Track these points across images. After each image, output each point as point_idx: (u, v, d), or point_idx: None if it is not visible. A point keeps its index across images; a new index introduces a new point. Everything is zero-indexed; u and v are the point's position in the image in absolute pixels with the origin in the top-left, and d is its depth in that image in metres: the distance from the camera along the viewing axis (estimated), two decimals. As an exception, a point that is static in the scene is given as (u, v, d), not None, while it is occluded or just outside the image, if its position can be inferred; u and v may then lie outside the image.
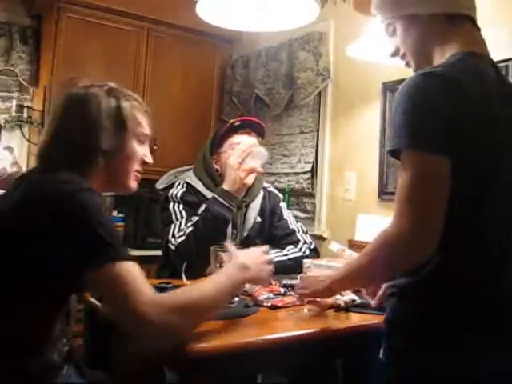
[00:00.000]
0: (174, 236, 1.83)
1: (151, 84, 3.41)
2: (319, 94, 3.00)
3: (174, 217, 1.88)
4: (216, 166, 2.01)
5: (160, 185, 2.05)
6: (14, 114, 3.34)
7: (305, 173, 3.06)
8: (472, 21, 1.13)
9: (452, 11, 1.11)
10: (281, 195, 2.20)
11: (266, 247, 1.38)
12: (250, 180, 1.92)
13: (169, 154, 3.04)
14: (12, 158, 3.36)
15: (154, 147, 1.39)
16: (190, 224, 1.83)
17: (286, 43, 3.18)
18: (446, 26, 1.11)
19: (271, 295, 1.44)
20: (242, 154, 1.87)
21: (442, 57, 1.10)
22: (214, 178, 1.98)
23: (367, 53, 1.97)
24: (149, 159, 1.27)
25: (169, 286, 1.47)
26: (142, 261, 1.06)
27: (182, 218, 1.88)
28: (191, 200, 1.92)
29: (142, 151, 1.25)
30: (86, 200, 1.02)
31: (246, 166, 1.87)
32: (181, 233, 1.82)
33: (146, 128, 1.25)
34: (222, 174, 1.97)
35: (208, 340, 1.05)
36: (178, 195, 1.92)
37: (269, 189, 2.14)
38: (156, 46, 3.45)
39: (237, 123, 2.01)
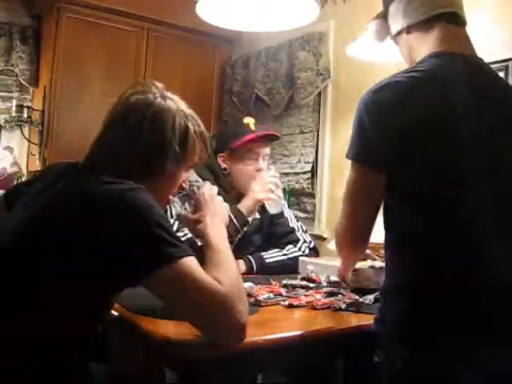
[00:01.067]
0: None
1: (151, 84, 3.40)
2: (319, 94, 3.01)
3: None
4: (224, 165, 1.99)
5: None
6: (14, 114, 3.35)
7: (305, 173, 3.06)
8: (450, 17, 1.13)
9: (427, 16, 1.13)
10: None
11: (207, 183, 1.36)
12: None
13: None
14: (12, 158, 3.37)
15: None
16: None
17: (285, 43, 3.18)
18: (421, 31, 1.14)
19: (271, 295, 1.44)
20: (267, 187, 1.86)
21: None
22: (216, 174, 1.96)
23: (367, 53, 1.96)
24: (186, 185, 1.24)
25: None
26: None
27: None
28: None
29: (184, 177, 1.21)
30: (136, 197, 0.96)
31: (267, 195, 1.87)
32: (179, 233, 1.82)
33: (197, 158, 1.21)
34: (231, 174, 1.96)
35: (208, 340, 1.05)
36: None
37: (269, 187, 2.14)
38: (156, 46, 3.45)
39: (253, 136, 1.92)
